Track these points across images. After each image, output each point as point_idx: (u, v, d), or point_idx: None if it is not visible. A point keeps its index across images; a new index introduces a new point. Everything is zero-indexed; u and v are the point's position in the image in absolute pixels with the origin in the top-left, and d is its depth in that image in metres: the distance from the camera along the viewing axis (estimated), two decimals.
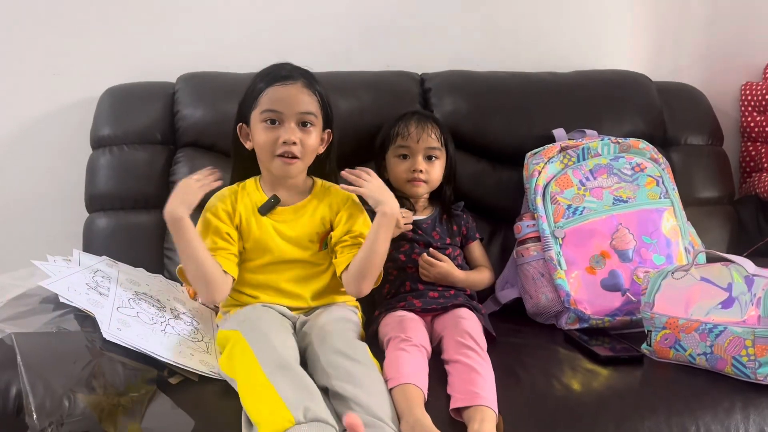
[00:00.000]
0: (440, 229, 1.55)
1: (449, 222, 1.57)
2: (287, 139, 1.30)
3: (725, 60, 2.08)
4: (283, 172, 1.34)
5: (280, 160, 1.32)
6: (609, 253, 1.49)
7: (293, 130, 1.31)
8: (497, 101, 1.76)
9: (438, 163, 1.55)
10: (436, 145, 1.54)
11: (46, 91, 1.82)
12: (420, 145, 1.52)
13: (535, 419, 1.14)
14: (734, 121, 2.08)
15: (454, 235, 1.56)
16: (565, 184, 1.55)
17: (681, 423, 1.14)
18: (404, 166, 1.53)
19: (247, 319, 1.22)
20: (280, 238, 1.35)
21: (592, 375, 1.25)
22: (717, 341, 1.21)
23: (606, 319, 1.47)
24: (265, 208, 1.36)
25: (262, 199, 1.38)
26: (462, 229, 1.58)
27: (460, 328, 1.29)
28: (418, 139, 1.52)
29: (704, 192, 1.83)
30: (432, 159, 1.54)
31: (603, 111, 1.78)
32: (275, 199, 1.37)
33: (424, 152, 1.53)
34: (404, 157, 1.54)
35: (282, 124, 1.32)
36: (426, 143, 1.53)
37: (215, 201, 1.37)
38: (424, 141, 1.52)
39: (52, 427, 0.96)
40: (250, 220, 1.36)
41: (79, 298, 1.20)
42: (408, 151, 1.54)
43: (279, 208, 1.37)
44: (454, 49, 1.95)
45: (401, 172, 1.54)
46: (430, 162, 1.54)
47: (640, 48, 2.05)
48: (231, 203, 1.37)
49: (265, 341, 1.13)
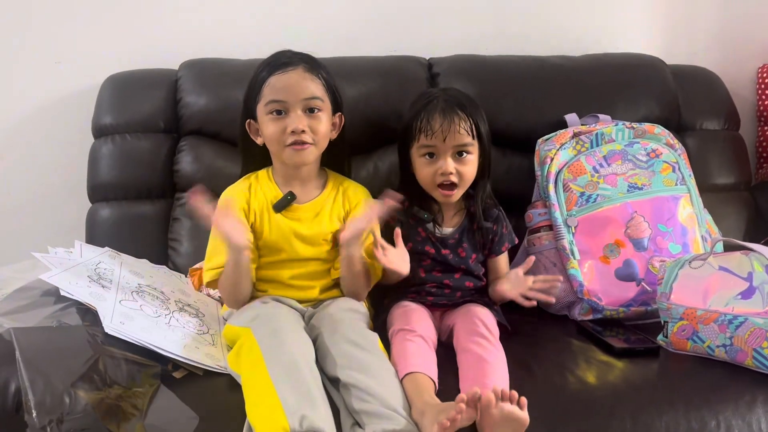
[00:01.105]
0: (468, 244, 1.41)
1: (479, 232, 1.42)
2: (295, 128, 1.26)
3: (741, 42, 2.04)
4: (296, 160, 1.30)
5: (290, 149, 1.28)
6: (623, 241, 1.46)
7: (300, 118, 1.27)
8: (507, 86, 1.73)
9: (470, 158, 1.36)
10: (466, 141, 1.35)
11: (47, 79, 1.79)
12: (447, 143, 1.34)
13: (549, 414, 1.11)
14: (750, 104, 2.04)
15: (481, 248, 1.43)
16: (578, 171, 1.51)
17: (700, 417, 1.11)
18: (431, 168, 1.36)
19: (259, 317, 1.18)
20: (294, 237, 1.32)
21: (607, 367, 1.23)
22: (737, 333, 1.18)
23: (620, 310, 1.43)
24: (280, 205, 1.33)
25: (276, 194, 1.34)
26: (488, 244, 1.43)
27: (471, 314, 1.27)
28: (444, 137, 1.33)
29: (720, 178, 1.80)
30: (463, 155, 1.36)
31: (616, 95, 1.74)
32: (291, 195, 1.33)
33: (453, 150, 1.35)
34: (430, 156, 1.36)
35: (288, 113, 1.28)
36: (454, 140, 1.34)
37: (231, 198, 1.33)
38: (452, 138, 1.33)
39: (52, 424, 0.94)
40: (263, 216, 1.33)
41: (80, 291, 1.18)
42: (434, 150, 1.35)
43: (295, 205, 1.34)
44: (463, 33, 1.91)
45: (428, 175, 1.36)
46: (461, 159, 1.36)
47: (653, 31, 2.01)
48: (246, 200, 1.33)
49: (276, 341, 1.10)
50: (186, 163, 1.63)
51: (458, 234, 1.41)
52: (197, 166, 1.63)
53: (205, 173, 1.62)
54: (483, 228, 1.41)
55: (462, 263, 1.40)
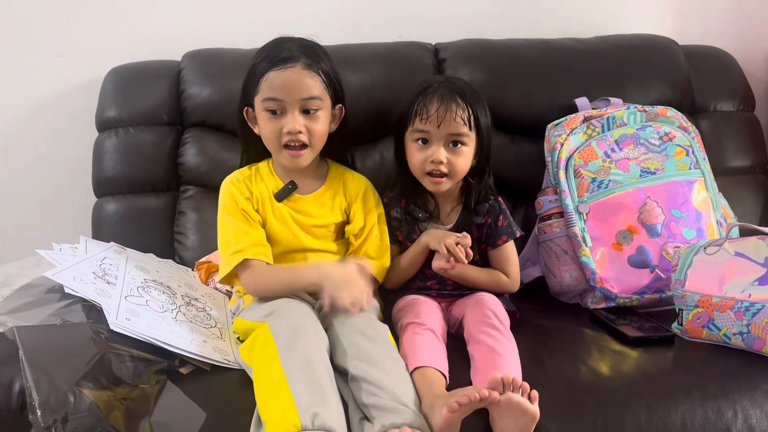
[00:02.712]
0: None
1: (475, 227, 1.37)
2: (291, 128, 1.25)
3: (756, 21, 1.99)
4: (292, 164, 1.30)
5: (287, 153, 1.28)
6: (636, 228, 1.43)
7: (297, 119, 1.25)
8: (516, 71, 1.70)
9: (465, 150, 1.31)
10: (462, 131, 1.30)
11: (50, 73, 1.78)
12: (441, 130, 1.29)
13: (562, 405, 1.09)
14: (766, 84, 1.99)
15: (479, 242, 1.37)
16: (590, 156, 1.48)
17: (717, 407, 1.08)
18: (422, 155, 1.32)
19: (275, 312, 1.16)
20: (298, 227, 1.31)
21: (621, 357, 1.21)
22: (754, 320, 1.16)
23: (634, 298, 1.41)
24: (282, 195, 1.32)
25: (276, 184, 1.33)
26: (483, 237, 1.38)
27: (480, 305, 1.25)
28: (439, 123, 1.29)
29: (735, 161, 1.76)
30: (458, 145, 1.31)
31: (628, 78, 1.70)
32: (293, 185, 1.32)
33: (447, 138, 1.30)
34: (423, 143, 1.32)
35: (284, 113, 1.26)
36: (449, 128, 1.29)
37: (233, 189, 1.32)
38: (447, 125, 1.29)
39: (56, 424, 0.93)
40: (266, 206, 1.32)
41: (85, 287, 1.17)
42: (427, 136, 1.31)
43: (297, 196, 1.33)
44: (469, 17, 1.88)
45: (418, 161, 1.32)
46: (455, 149, 1.31)
47: (665, 11, 1.97)
48: (248, 188, 1.32)
49: (293, 337, 1.08)
50: (190, 156, 1.62)
51: (455, 230, 1.36)
52: (202, 158, 1.62)
53: (210, 165, 1.61)
54: (476, 223, 1.37)
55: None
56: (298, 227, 1.31)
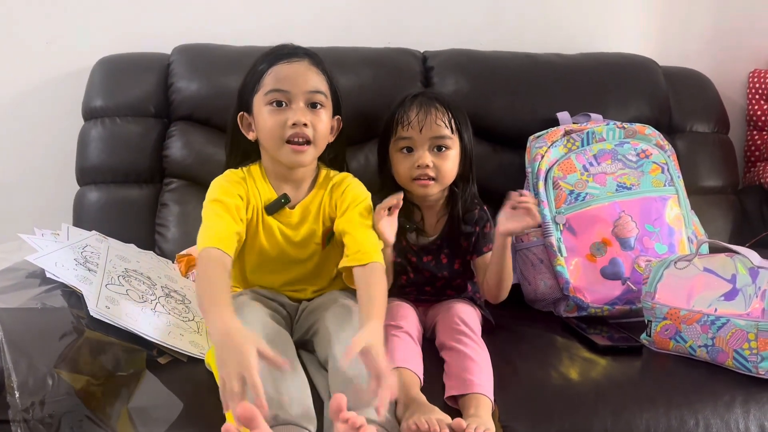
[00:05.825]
0: (449, 250, 1.38)
1: (462, 237, 1.37)
2: (297, 120, 1.19)
3: (733, 46, 2.04)
4: (293, 161, 1.22)
5: (289, 148, 1.20)
6: (610, 240, 1.46)
7: (303, 111, 1.20)
8: (500, 82, 1.72)
9: (450, 153, 1.32)
10: (444, 133, 1.31)
11: (37, 60, 1.77)
12: (424, 134, 1.30)
13: (532, 409, 1.12)
14: (740, 108, 2.04)
15: (464, 252, 1.38)
16: (568, 168, 1.52)
17: (680, 416, 1.12)
18: (408, 162, 1.31)
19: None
20: (285, 242, 1.27)
21: (590, 364, 1.24)
22: (719, 333, 1.19)
23: (605, 308, 1.44)
24: (272, 208, 1.26)
25: (269, 195, 1.26)
26: (470, 247, 1.38)
27: (452, 313, 1.26)
28: (421, 127, 1.30)
29: (708, 180, 1.80)
30: (442, 149, 1.32)
31: (609, 95, 1.74)
32: (285, 199, 1.26)
33: (431, 143, 1.31)
34: (408, 151, 1.32)
35: (290, 105, 1.20)
36: (432, 132, 1.30)
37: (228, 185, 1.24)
38: (428, 129, 1.30)
39: (34, 406, 0.94)
40: (258, 216, 1.26)
41: (66, 273, 1.17)
42: (411, 143, 1.31)
43: (287, 209, 1.27)
44: (458, 27, 1.90)
45: (405, 169, 1.32)
46: (440, 153, 1.31)
47: (648, 32, 2.01)
48: (243, 188, 1.25)
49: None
50: (176, 149, 1.62)
51: (440, 240, 1.37)
52: (187, 152, 1.62)
53: (195, 159, 1.61)
54: (464, 233, 1.37)
55: (444, 269, 1.38)
56: (284, 242, 1.27)
